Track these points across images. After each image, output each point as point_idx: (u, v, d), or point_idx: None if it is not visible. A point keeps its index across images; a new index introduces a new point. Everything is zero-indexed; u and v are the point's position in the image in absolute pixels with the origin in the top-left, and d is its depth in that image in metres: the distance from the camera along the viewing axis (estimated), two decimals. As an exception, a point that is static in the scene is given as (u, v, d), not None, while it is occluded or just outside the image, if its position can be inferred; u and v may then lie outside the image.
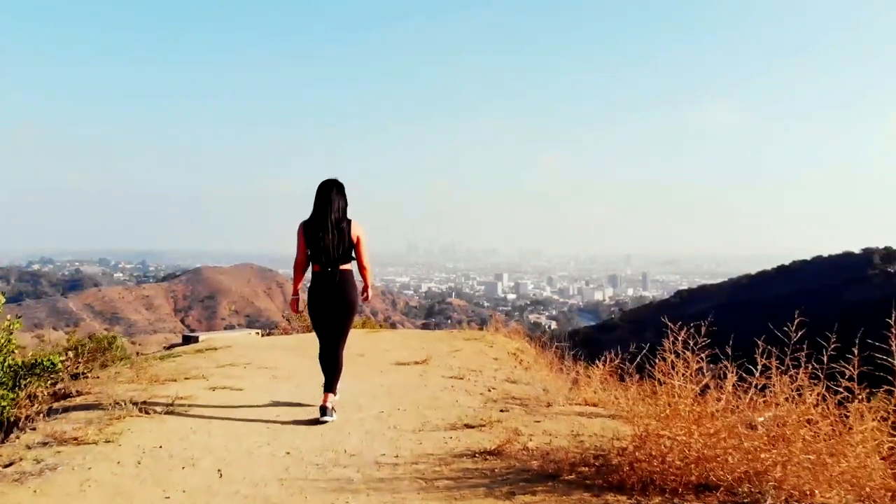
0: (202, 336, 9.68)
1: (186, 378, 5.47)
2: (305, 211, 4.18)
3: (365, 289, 4.36)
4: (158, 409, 4.28)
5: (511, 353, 7.50)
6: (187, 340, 9.82)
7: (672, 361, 3.00)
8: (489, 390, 4.88)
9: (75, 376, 5.62)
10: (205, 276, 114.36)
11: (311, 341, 8.32)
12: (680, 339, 3.02)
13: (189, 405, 4.39)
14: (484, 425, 3.74)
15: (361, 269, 4.24)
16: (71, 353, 6.56)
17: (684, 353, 3.00)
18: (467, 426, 3.76)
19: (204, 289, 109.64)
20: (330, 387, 4.12)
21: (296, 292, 4.47)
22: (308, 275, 4.25)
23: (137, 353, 9.74)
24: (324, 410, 3.98)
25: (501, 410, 4.16)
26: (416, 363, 6.12)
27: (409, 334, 9.02)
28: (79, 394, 5.12)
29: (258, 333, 10.60)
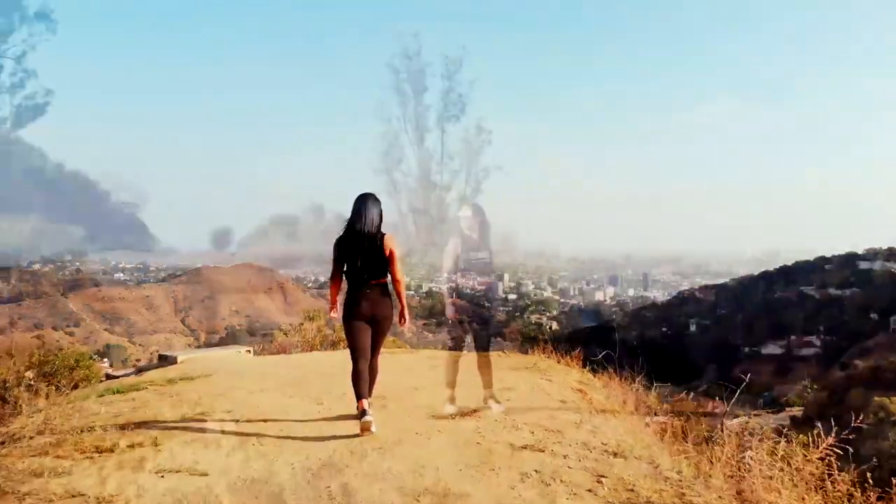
0: (181, 357, 7.88)
1: (130, 445, 3.67)
2: (304, 211, 2.65)
3: (401, 312, 4.17)
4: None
5: (575, 389, 5.72)
6: (163, 360, 8.06)
7: None
8: (598, 480, 3.06)
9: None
10: (205, 276, 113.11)
11: (317, 368, 6.43)
12: None
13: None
14: None
15: (395, 282, 4.12)
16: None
17: None
18: None
19: (204, 289, 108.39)
20: (364, 394, 3.92)
21: (334, 304, 4.27)
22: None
23: (107, 376, 8.06)
24: (364, 413, 3.82)
25: (654, 546, 2.35)
26: (464, 416, 4.32)
27: (437, 358, 7.17)
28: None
29: (249, 351, 8.80)
